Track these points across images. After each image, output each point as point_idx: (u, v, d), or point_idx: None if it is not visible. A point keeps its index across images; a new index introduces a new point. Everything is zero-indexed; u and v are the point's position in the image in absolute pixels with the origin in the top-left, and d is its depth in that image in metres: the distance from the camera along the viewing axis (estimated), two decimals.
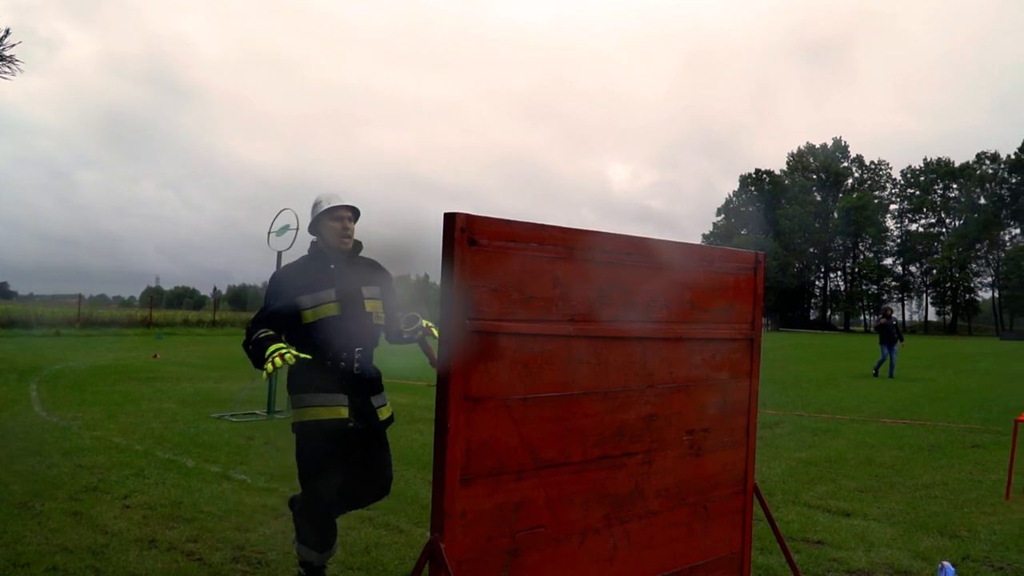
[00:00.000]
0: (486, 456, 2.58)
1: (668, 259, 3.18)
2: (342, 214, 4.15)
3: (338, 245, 4.13)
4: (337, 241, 4.12)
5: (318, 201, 4.20)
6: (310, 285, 4.03)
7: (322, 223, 4.14)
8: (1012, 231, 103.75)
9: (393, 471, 4.35)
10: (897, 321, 22.08)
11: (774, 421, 10.90)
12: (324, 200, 4.18)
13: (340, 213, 4.14)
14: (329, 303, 4.02)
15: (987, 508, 6.15)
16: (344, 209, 4.15)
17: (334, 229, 4.12)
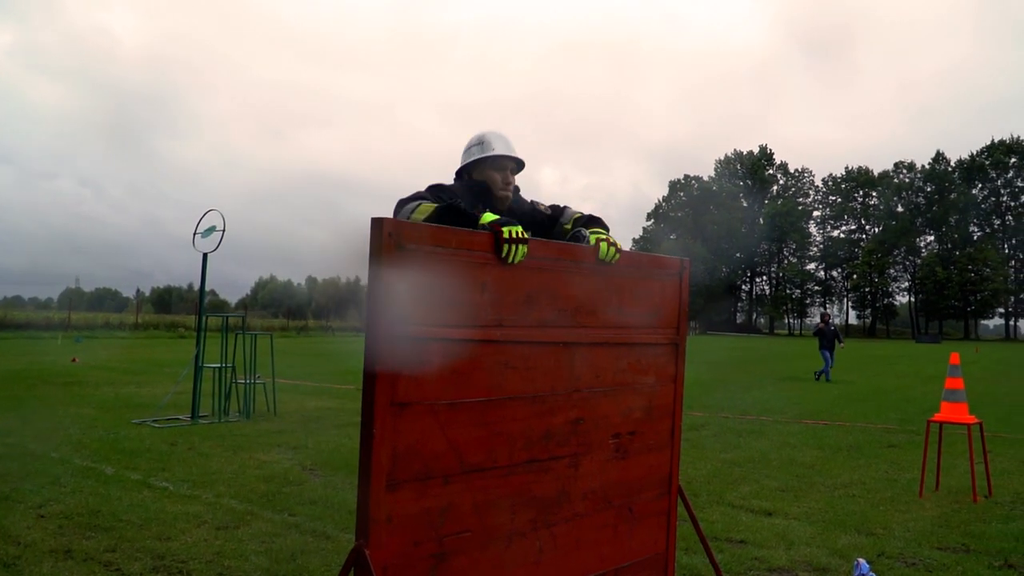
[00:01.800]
0: (412, 461, 2.57)
1: (595, 265, 3.21)
2: (506, 164, 3.60)
3: (494, 195, 3.57)
4: (492, 191, 3.56)
5: (482, 142, 3.62)
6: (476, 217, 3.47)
7: (478, 169, 3.58)
8: (927, 238, 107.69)
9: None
10: (836, 325, 22.54)
11: (700, 423, 11.10)
12: (489, 143, 3.60)
13: (504, 163, 3.59)
14: (423, 206, 3.42)
15: (901, 506, 6.36)
16: (510, 160, 3.61)
17: (493, 180, 3.57)
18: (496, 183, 3.54)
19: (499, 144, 3.57)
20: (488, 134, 3.63)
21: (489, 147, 3.56)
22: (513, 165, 3.60)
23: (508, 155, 3.56)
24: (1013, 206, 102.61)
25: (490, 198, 3.52)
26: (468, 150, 3.62)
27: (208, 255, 10.75)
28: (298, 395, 13.81)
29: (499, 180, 3.54)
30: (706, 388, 16.70)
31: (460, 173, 3.62)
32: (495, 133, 3.64)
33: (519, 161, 3.62)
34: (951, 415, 6.83)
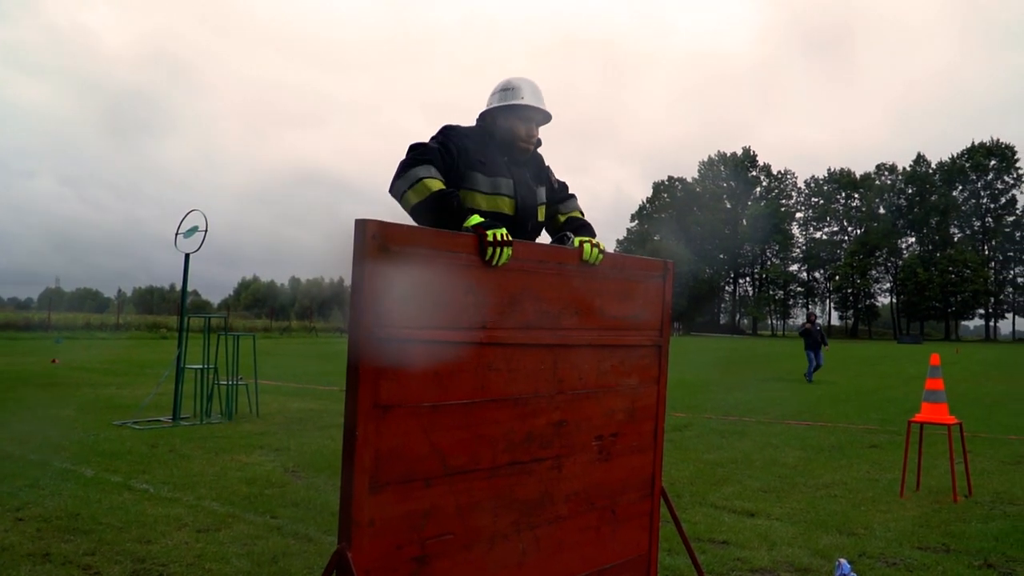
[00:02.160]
0: (395, 464, 2.56)
1: (579, 267, 3.21)
2: (532, 116, 3.44)
3: (514, 145, 3.43)
4: (513, 142, 3.43)
5: (510, 88, 3.43)
6: (488, 164, 3.33)
7: (503, 116, 3.41)
8: (908, 240, 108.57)
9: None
10: (821, 326, 22.55)
11: (684, 423, 11.13)
12: (517, 91, 3.42)
13: (531, 115, 3.43)
14: (505, 197, 3.35)
15: (883, 506, 6.40)
16: (537, 112, 3.44)
17: (515, 132, 3.42)
18: (519, 135, 3.41)
19: (528, 94, 3.41)
20: (518, 81, 3.45)
21: (517, 95, 3.40)
22: (540, 118, 3.47)
23: (536, 107, 3.41)
24: (993, 208, 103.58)
25: (510, 148, 3.42)
26: (495, 94, 3.46)
27: (190, 255, 10.68)
28: (281, 396, 13.75)
29: (523, 132, 3.41)
30: (689, 389, 16.75)
31: (484, 116, 3.47)
32: (526, 81, 3.46)
33: (546, 115, 3.47)
34: (931, 416, 6.88)
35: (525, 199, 3.41)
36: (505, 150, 3.40)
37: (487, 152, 3.34)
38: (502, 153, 3.40)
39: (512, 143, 3.41)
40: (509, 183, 3.36)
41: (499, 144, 3.40)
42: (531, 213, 3.45)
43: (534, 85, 3.46)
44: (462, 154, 3.24)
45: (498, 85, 3.48)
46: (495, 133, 3.41)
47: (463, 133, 3.33)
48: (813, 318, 21.44)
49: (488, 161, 3.31)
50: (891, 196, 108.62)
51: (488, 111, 3.45)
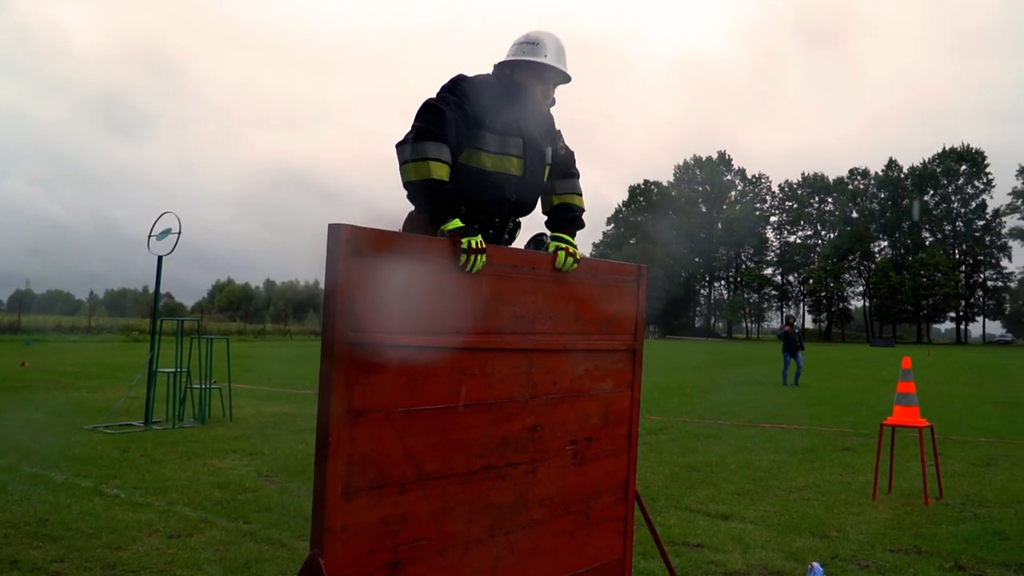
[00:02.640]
0: (369, 469, 2.55)
1: (553, 272, 3.22)
2: (551, 77, 3.35)
3: (528, 103, 3.35)
4: (528, 99, 3.34)
5: (534, 43, 3.31)
6: (499, 122, 3.23)
7: (521, 71, 3.31)
8: (881, 243, 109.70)
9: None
10: (799, 329, 22.65)
11: (659, 427, 11.17)
12: (541, 47, 3.30)
13: (550, 75, 3.34)
14: (514, 157, 3.28)
15: (855, 509, 6.45)
16: (557, 73, 3.34)
17: (532, 88, 3.33)
18: (535, 93, 3.33)
19: (552, 52, 3.31)
20: (542, 36, 3.34)
21: (539, 52, 3.29)
22: (558, 78, 3.38)
23: (556, 67, 3.31)
24: (963, 212, 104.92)
25: (523, 104, 3.32)
26: (516, 46, 3.35)
27: (163, 258, 10.59)
28: (255, 400, 13.65)
29: (539, 91, 3.34)
30: (665, 392, 16.82)
31: (501, 66, 3.36)
32: (551, 37, 3.36)
33: (566, 76, 3.38)
34: (903, 419, 6.94)
35: (534, 160, 3.35)
36: (518, 106, 3.30)
37: (500, 108, 3.24)
38: (514, 109, 3.30)
39: (526, 100, 3.32)
40: (519, 143, 3.28)
41: (513, 99, 3.30)
42: (539, 174, 3.41)
43: (558, 43, 3.36)
44: (475, 113, 3.15)
45: (521, 36, 3.37)
46: (510, 87, 3.31)
47: (479, 90, 3.20)
48: (792, 320, 21.50)
49: (500, 119, 3.23)
50: (864, 200, 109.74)
51: (506, 62, 3.34)
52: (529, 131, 3.34)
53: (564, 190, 3.59)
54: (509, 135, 3.25)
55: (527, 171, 3.32)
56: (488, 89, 3.24)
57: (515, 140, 3.27)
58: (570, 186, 3.60)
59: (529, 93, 3.33)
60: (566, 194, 3.59)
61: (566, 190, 3.59)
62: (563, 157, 3.59)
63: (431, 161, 2.94)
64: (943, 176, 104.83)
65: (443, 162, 2.98)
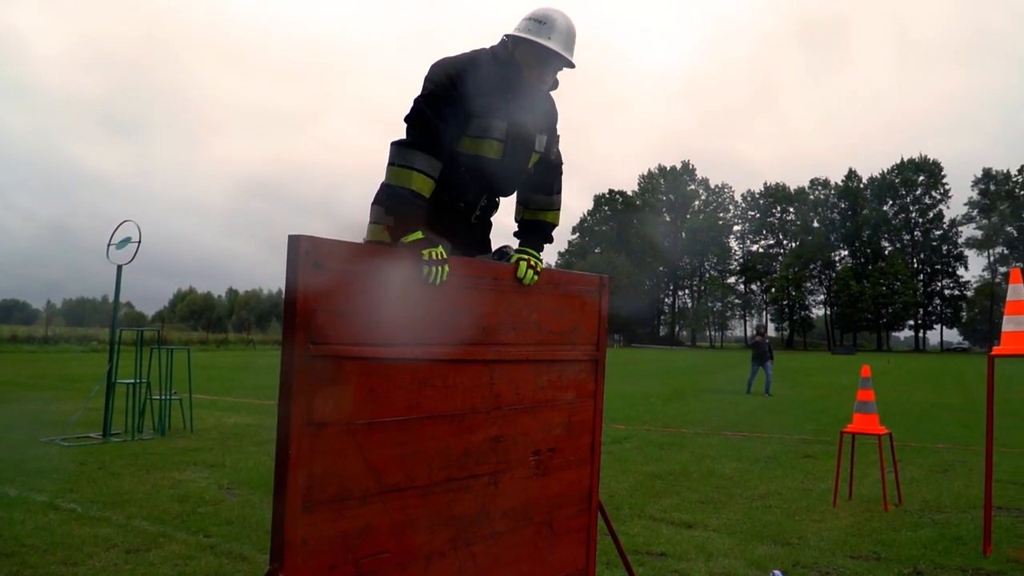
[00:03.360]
0: (329, 482, 2.52)
1: (515, 283, 3.21)
2: (551, 62, 3.22)
3: (523, 82, 3.21)
4: (523, 78, 3.21)
5: (543, 21, 3.19)
6: (484, 106, 3.13)
7: (522, 48, 3.19)
8: (842, 252, 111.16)
9: None
10: (770, 339, 22.73)
11: (623, 436, 11.21)
12: (549, 28, 3.17)
13: (549, 60, 3.20)
14: (494, 141, 3.18)
15: (816, 516, 6.52)
16: (558, 59, 3.21)
17: (530, 68, 3.21)
18: (532, 74, 3.22)
19: (558, 35, 3.19)
20: (554, 15, 3.21)
21: (546, 33, 3.17)
22: (561, 64, 3.26)
23: (558, 52, 3.18)
24: (921, 222, 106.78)
25: (514, 86, 3.21)
26: (526, 20, 3.23)
27: (123, 267, 10.43)
28: (216, 411, 13.49)
29: (536, 73, 3.22)
30: (629, 401, 16.89)
31: (507, 38, 3.24)
32: (563, 18, 3.23)
33: (569, 62, 3.25)
34: (863, 426, 7.03)
35: (516, 145, 3.25)
36: (509, 88, 3.20)
37: (487, 91, 3.13)
38: (504, 91, 3.19)
39: (519, 83, 3.22)
40: (502, 126, 3.18)
41: (504, 81, 3.19)
42: (521, 160, 3.31)
43: (569, 25, 3.24)
44: (461, 103, 3.07)
45: (534, 12, 3.25)
46: (506, 67, 3.21)
47: (466, 78, 3.09)
48: (762, 331, 21.53)
49: (485, 101, 3.12)
50: (824, 210, 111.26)
51: (512, 37, 3.23)
52: (517, 115, 3.23)
53: (540, 205, 3.50)
54: (493, 118, 3.16)
55: (507, 155, 3.23)
56: (477, 73, 3.13)
57: (499, 124, 3.18)
58: (547, 202, 3.51)
59: (524, 75, 3.22)
60: (540, 210, 3.51)
61: (542, 206, 3.50)
62: (551, 161, 3.49)
63: (415, 172, 2.94)
64: (901, 186, 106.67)
65: (428, 176, 2.97)
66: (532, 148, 3.33)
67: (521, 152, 3.28)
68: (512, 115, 3.20)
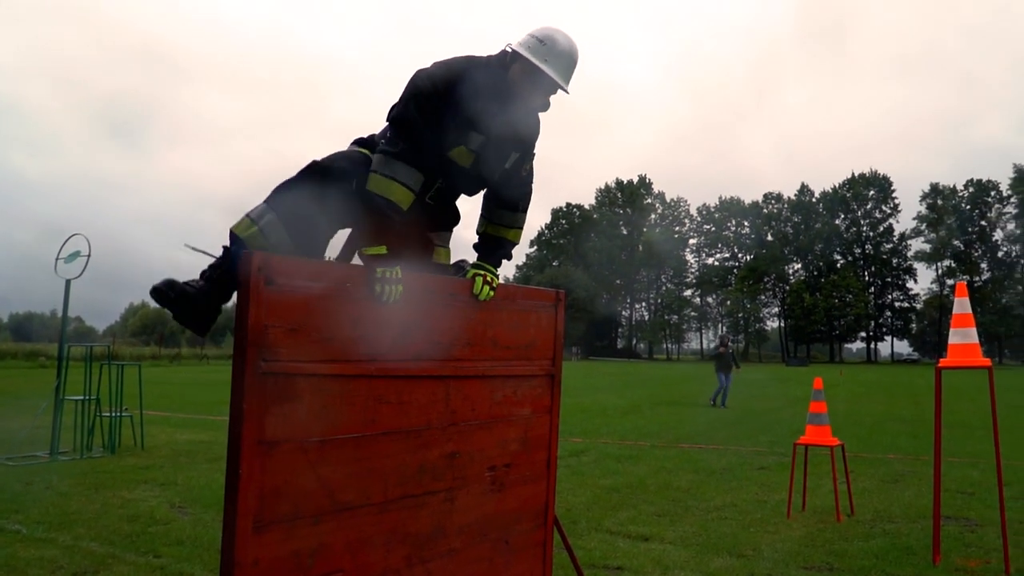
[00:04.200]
0: (281, 501, 2.49)
1: (470, 298, 3.21)
2: (545, 85, 3.18)
3: (511, 98, 3.18)
4: (512, 94, 3.18)
5: (544, 43, 3.14)
6: (470, 116, 3.12)
7: (519, 66, 3.16)
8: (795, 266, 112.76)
9: None
10: (734, 349, 22.31)
11: (581, 449, 11.21)
12: (549, 51, 3.13)
13: (545, 82, 3.16)
14: (465, 149, 3.18)
15: (771, 527, 6.58)
16: (552, 84, 3.17)
17: (520, 87, 3.17)
18: (521, 92, 3.18)
19: (557, 60, 3.16)
20: (557, 37, 3.17)
21: (545, 55, 3.14)
22: (552, 88, 3.22)
23: (553, 80, 3.15)
24: (872, 236, 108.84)
25: (507, 98, 3.18)
26: (531, 38, 3.19)
27: (71, 281, 10.22)
28: (168, 428, 13.25)
29: (528, 92, 3.18)
30: (587, 414, 16.92)
31: (507, 50, 3.22)
32: (567, 43, 3.19)
33: (562, 88, 3.22)
34: (815, 438, 7.12)
35: (488, 159, 3.25)
36: (501, 98, 3.16)
37: (480, 100, 3.10)
38: (496, 101, 3.14)
39: (507, 100, 3.18)
40: (480, 139, 3.17)
41: (499, 88, 3.16)
42: (488, 172, 3.30)
43: (571, 52, 3.21)
44: (445, 113, 3.09)
45: (540, 31, 3.21)
46: (502, 76, 3.18)
47: (468, 85, 3.08)
48: (726, 341, 21.25)
49: (473, 112, 3.11)
50: (778, 224, 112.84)
51: (512, 51, 3.19)
52: (497, 131, 3.20)
53: (503, 222, 3.46)
54: (473, 129, 3.15)
55: (475, 165, 3.24)
56: (470, 83, 3.10)
57: (477, 136, 3.16)
58: (512, 220, 3.47)
59: (515, 91, 3.19)
60: (504, 226, 3.46)
61: (505, 222, 3.46)
62: (522, 178, 3.46)
63: (396, 184, 2.96)
64: (853, 201, 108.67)
65: (409, 189, 2.99)
66: (503, 165, 3.33)
67: (490, 166, 3.29)
68: (492, 130, 3.18)
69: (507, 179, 3.41)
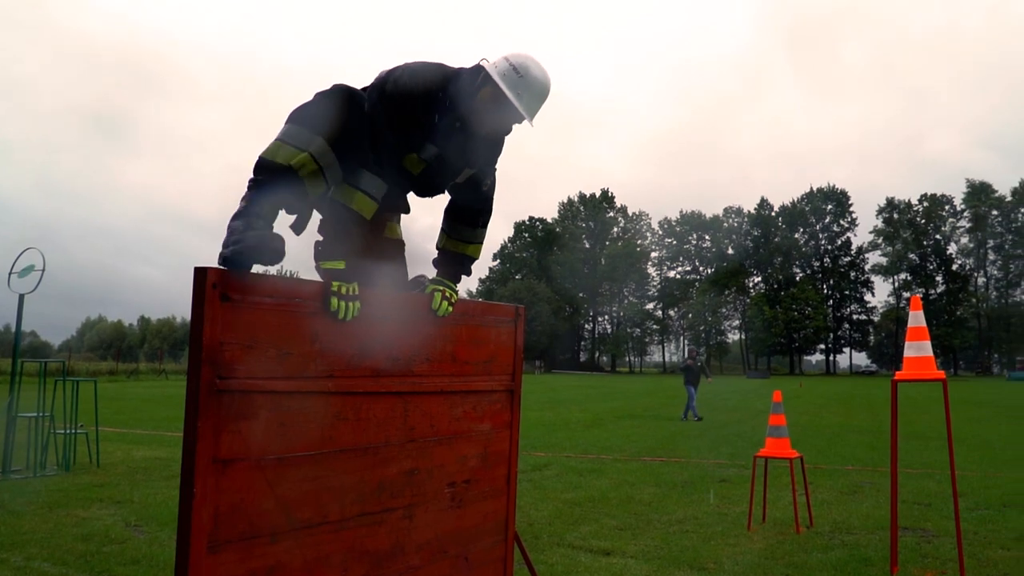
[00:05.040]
0: (237, 520, 2.46)
1: (430, 314, 3.20)
2: (511, 117, 3.10)
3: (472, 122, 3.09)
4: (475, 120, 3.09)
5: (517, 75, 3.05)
6: (431, 127, 3.05)
7: (488, 89, 3.06)
8: (755, 279, 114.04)
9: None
10: (703, 361, 22.07)
11: (543, 463, 11.21)
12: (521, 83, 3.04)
13: (509, 111, 3.06)
14: (417, 159, 3.11)
15: (731, 540, 6.62)
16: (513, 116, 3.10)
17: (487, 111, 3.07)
18: (486, 117, 3.09)
19: (530, 95, 3.08)
20: (535, 73, 3.09)
21: (519, 89, 3.05)
22: (517, 119, 3.13)
23: (520, 113, 3.07)
24: (830, 249, 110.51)
25: (470, 117, 3.09)
26: (507, 62, 3.09)
27: (25, 296, 10.03)
28: (125, 444, 13.02)
29: (489, 119, 3.09)
30: (549, 428, 16.93)
31: (480, 70, 3.10)
32: (542, 77, 3.11)
33: (528, 122, 3.14)
34: (774, 450, 7.19)
35: (439, 170, 3.19)
36: (465, 116, 3.08)
37: (445, 113, 3.05)
38: (459, 119, 3.08)
39: (474, 114, 3.09)
40: (434, 151, 3.09)
41: (465, 106, 3.08)
42: (437, 184, 3.27)
43: (544, 88, 3.14)
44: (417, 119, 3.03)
45: (518, 59, 3.11)
46: (470, 94, 3.08)
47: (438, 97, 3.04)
48: (695, 353, 20.98)
49: (435, 124, 3.05)
50: (738, 237, 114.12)
51: (486, 74, 3.08)
52: (453, 148, 3.15)
53: (463, 237, 3.43)
54: (429, 140, 3.09)
55: (425, 175, 3.19)
56: (440, 95, 3.06)
57: (432, 148, 3.09)
58: (471, 235, 3.44)
59: (480, 117, 3.09)
60: (463, 242, 3.44)
61: (464, 238, 3.43)
62: (482, 193, 3.41)
63: (360, 193, 2.94)
64: (811, 215, 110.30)
65: (372, 198, 2.96)
66: (453, 179, 3.31)
67: (440, 178, 3.25)
68: (448, 147, 3.12)
69: (462, 193, 3.40)
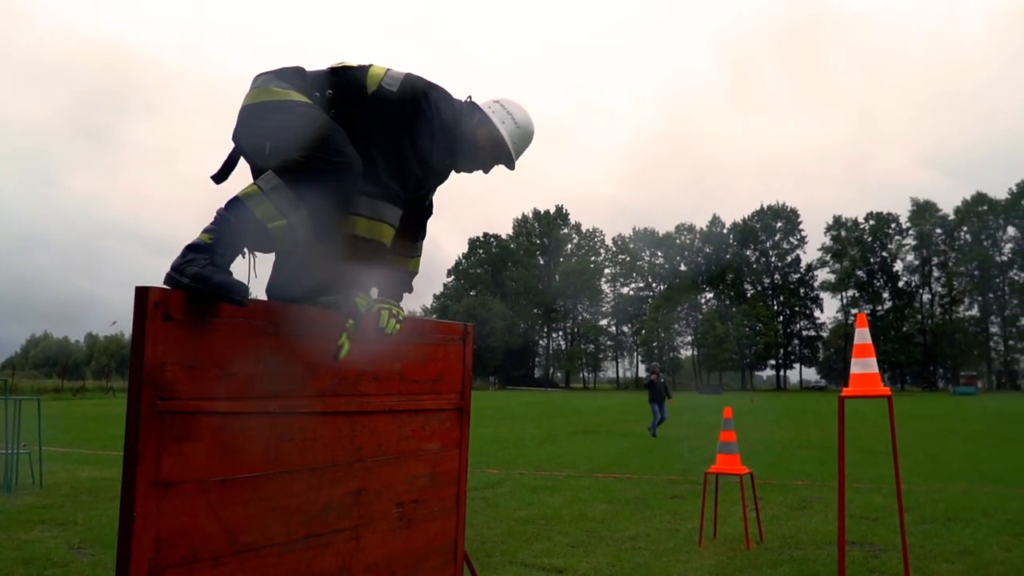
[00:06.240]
0: (179, 544, 2.41)
1: (377, 332, 3.19)
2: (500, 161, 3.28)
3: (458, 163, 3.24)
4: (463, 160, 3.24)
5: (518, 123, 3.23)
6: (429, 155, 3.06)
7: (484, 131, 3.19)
8: (707, 295, 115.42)
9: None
10: (665, 379, 21.95)
11: (496, 480, 11.17)
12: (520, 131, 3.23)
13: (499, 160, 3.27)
14: (388, 225, 2.98)
15: (683, 556, 6.65)
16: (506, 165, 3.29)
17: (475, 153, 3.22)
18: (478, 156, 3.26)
19: (521, 144, 3.30)
20: (529, 127, 3.29)
21: (515, 139, 3.23)
22: (501, 163, 3.34)
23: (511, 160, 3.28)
24: (780, 266, 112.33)
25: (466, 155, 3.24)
26: (503, 110, 3.24)
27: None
28: (70, 464, 12.71)
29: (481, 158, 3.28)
30: (503, 444, 16.91)
31: (478, 111, 3.23)
32: (532, 131, 3.32)
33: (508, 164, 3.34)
34: (725, 467, 7.26)
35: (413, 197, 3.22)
36: (454, 152, 3.19)
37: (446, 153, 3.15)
38: (458, 155, 3.22)
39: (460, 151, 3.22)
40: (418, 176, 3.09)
41: (464, 144, 3.20)
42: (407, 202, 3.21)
43: (531, 137, 3.35)
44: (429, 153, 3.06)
45: (516, 111, 3.27)
46: (466, 133, 3.19)
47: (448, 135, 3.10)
48: (657, 370, 20.78)
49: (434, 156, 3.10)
50: (690, 254, 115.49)
51: (486, 118, 3.23)
52: (440, 180, 3.31)
53: (405, 252, 3.43)
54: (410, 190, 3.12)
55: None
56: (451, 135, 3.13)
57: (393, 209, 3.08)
58: (412, 249, 3.46)
59: (474, 156, 3.27)
60: (405, 257, 3.43)
61: (407, 253, 3.43)
62: (425, 208, 3.46)
63: (387, 226, 2.94)
64: (762, 232, 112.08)
65: (394, 228, 2.98)
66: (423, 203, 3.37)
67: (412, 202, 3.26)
68: (428, 176, 3.18)
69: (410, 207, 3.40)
